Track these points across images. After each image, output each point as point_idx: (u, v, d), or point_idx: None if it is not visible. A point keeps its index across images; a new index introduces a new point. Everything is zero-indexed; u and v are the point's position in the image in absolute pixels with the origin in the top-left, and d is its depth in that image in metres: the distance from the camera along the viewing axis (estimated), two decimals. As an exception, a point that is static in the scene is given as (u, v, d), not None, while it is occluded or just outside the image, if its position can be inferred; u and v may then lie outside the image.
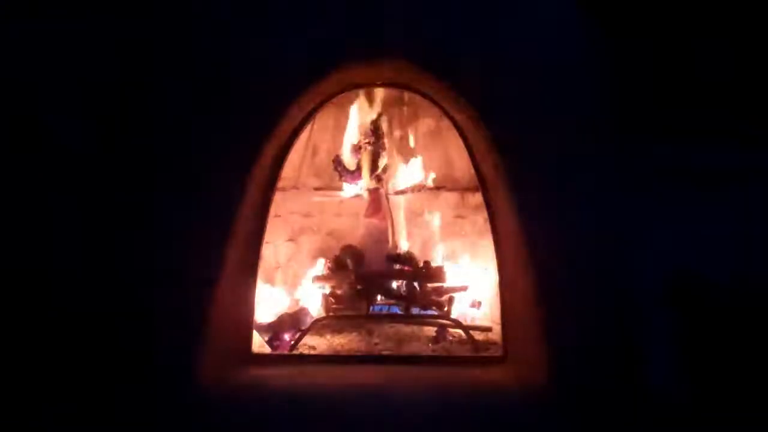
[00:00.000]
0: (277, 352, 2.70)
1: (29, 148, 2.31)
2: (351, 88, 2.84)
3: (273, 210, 2.77)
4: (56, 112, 2.33)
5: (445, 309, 2.94)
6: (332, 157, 3.36)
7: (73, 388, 2.11)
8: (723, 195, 2.42)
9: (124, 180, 2.29)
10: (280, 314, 2.98)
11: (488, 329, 2.94)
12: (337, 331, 3.00)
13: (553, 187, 2.31)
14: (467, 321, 3.00)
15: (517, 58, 2.37)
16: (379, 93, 3.28)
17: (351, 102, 3.36)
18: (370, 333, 2.99)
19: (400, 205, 3.42)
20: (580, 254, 2.25)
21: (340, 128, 3.48)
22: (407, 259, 3.18)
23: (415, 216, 3.47)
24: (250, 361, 2.59)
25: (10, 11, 2.36)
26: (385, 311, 3.07)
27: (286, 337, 2.78)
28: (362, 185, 3.31)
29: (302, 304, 3.10)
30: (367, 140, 3.29)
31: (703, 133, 2.51)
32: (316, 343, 2.85)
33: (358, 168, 3.28)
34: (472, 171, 2.78)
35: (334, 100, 2.81)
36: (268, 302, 3.17)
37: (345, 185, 3.34)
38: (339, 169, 3.31)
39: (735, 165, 2.43)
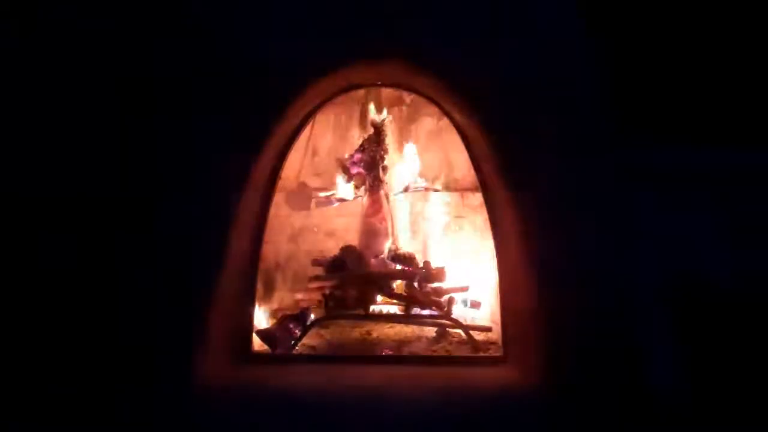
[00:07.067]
0: (277, 352, 2.70)
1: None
2: (351, 88, 2.84)
3: (273, 210, 2.77)
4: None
5: (445, 309, 2.94)
6: (336, 161, 3.35)
7: (72, 387, 2.10)
8: (721, 195, 2.42)
9: (124, 180, 2.29)
10: (280, 315, 2.97)
11: (488, 329, 2.94)
12: (337, 331, 3.00)
13: (552, 187, 2.31)
14: (467, 321, 3.00)
15: (517, 58, 2.37)
16: (382, 94, 3.29)
17: (351, 102, 3.36)
18: (369, 333, 3.00)
19: (400, 206, 3.41)
20: (580, 254, 2.25)
21: (340, 128, 3.48)
22: (407, 259, 3.17)
23: (415, 216, 3.47)
24: (250, 361, 2.59)
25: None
26: (385, 311, 3.06)
27: (286, 337, 2.78)
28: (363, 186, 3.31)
29: (302, 304, 3.10)
30: (369, 142, 3.28)
31: (701, 135, 2.51)
32: (316, 343, 2.84)
33: (363, 170, 3.27)
34: (472, 171, 2.78)
35: (334, 100, 2.81)
36: (269, 302, 3.17)
37: (343, 187, 3.34)
38: (345, 171, 3.30)
39: (732, 166, 2.43)
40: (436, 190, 3.40)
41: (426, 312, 2.99)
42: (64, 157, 2.31)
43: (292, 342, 2.77)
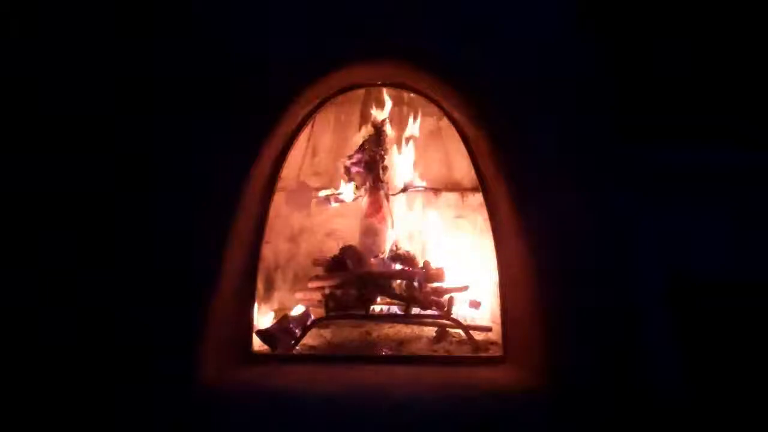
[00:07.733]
0: (277, 352, 2.70)
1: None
2: (351, 88, 2.84)
3: (273, 210, 2.77)
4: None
5: (445, 309, 2.94)
6: (342, 164, 3.35)
7: (71, 388, 2.10)
8: (721, 195, 2.42)
9: (124, 179, 2.28)
10: (280, 315, 2.97)
11: (488, 329, 2.94)
12: (337, 331, 3.00)
13: (552, 187, 2.31)
14: (467, 321, 2.99)
15: (517, 58, 2.37)
16: (384, 95, 3.29)
17: (351, 102, 3.36)
18: (369, 333, 2.99)
19: (399, 206, 3.41)
20: (580, 254, 2.25)
21: (340, 128, 3.48)
22: (407, 259, 3.17)
23: (415, 216, 3.47)
24: (250, 361, 2.59)
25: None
26: (385, 311, 3.06)
27: (286, 337, 2.78)
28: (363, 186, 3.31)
29: (302, 304, 3.10)
30: (369, 142, 3.28)
31: (700, 133, 2.51)
32: (316, 343, 2.84)
33: (363, 170, 3.27)
34: (472, 171, 2.78)
35: (334, 100, 2.81)
36: (268, 303, 3.17)
37: (344, 188, 3.34)
38: (345, 172, 3.30)
39: (732, 165, 2.43)
40: (435, 190, 3.40)
41: (426, 312, 2.99)
42: (63, 156, 2.30)
43: (292, 342, 2.77)
